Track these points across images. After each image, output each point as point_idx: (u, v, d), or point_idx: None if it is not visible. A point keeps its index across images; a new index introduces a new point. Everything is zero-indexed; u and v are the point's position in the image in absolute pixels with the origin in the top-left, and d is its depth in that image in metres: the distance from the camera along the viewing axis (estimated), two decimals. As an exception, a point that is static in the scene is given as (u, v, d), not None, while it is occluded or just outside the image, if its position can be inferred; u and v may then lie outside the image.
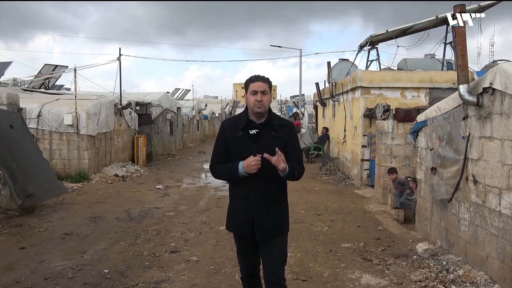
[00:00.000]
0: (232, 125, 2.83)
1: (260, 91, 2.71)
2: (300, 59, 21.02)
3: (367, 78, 10.59)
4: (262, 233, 2.76)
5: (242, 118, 2.81)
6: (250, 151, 2.64)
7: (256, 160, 2.61)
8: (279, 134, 2.76)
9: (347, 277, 4.52)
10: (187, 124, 23.66)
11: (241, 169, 2.65)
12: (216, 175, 2.88)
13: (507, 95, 3.89)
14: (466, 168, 4.66)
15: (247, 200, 2.75)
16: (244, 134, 2.71)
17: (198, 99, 32.48)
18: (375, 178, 9.16)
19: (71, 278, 4.40)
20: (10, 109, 7.50)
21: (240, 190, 2.80)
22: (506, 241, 3.92)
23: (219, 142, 2.85)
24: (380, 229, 6.49)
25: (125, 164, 13.15)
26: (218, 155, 2.85)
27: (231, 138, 2.77)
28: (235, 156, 2.75)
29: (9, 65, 16.67)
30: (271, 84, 2.82)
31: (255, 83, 2.74)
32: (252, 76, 2.79)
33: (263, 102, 2.71)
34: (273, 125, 2.76)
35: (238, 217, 2.82)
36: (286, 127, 2.83)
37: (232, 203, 2.90)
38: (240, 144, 2.73)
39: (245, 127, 2.72)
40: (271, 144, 2.66)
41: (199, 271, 4.64)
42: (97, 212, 7.49)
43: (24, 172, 6.95)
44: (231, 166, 2.73)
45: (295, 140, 2.91)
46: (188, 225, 6.68)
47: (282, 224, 2.86)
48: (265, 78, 2.78)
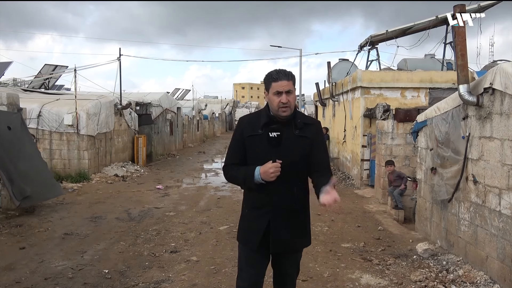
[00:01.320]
0: (252, 121, 2.47)
1: (285, 92, 2.34)
2: (300, 59, 21.06)
3: (367, 78, 10.60)
4: (279, 245, 2.42)
5: (263, 114, 2.45)
6: (270, 155, 2.30)
7: (275, 167, 2.27)
8: (303, 133, 2.40)
9: (347, 277, 4.52)
10: (187, 124, 23.67)
11: (258, 176, 2.32)
12: (229, 178, 2.54)
13: (507, 95, 3.89)
14: (466, 168, 4.66)
15: (264, 209, 2.41)
16: (265, 133, 2.35)
17: (198, 99, 32.50)
18: (375, 178, 9.16)
19: (71, 278, 4.40)
20: (10, 109, 7.49)
21: (256, 197, 2.44)
22: (506, 241, 3.92)
23: (236, 141, 2.50)
24: (380, 229, 6.49)
25: (125, 164, 13.15)
26: (234, 156, 2.50)
27: (250, 137, 2.42)
28: (252, 158, 2.42)
29: (9, 65, 16.68)
30: (295, 80, 2.43)
31: (279, 83, 2.35)
32: (273, 72, 2.39)
33: (289, 104, 2.34)
34: (297, 124, 2.40)
35: (250, 224, 2.48)
36: (312, 126, 2.45)
37: (246, 212, 2.54)
38: (259, 144, 2.38)
39: (266, 124, 2.37)
40: (294, 145, 2.36)
41: (199, 271, 4.64)
42: (97, 212, 7.49)
43: (21, 174, 6.92)
44: (246, 171, 2.38)
45: (322, 141, 2.54)
46: (188, 225, 6.68)
47: (303, 237, 2.52)
48: (289, 73, 2.39)
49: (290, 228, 2.40)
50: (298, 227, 2.46)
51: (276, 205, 2.38)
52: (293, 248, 2.49)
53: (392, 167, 7.69)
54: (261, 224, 2.40)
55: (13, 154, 6.94)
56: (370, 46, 14.26)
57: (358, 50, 14.80)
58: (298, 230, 2.47)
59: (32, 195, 6.96)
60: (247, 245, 2.48)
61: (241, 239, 2.55)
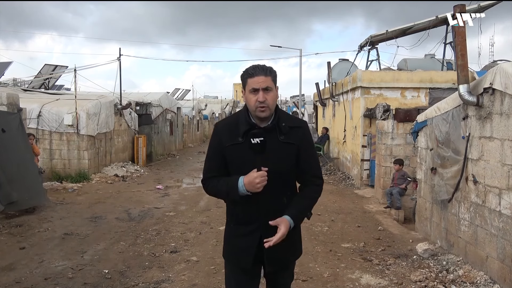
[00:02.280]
0: (230, 129, 2.19)
1: (262, 89, 2.07)
2: (300, 59, 21.02)
3: (367, 78, 10.60)
4: (275, 263, 2.21)
5: (242, 120, 2.18)
6: (254, 163, 2.05)
7: (261, 176, 2.02)
8: (289, 139, 2.15)
9: (347, 277, 4.52)
10: (187, 124, 23.68)
11: (242, 187, 2.06)
12: (210, 192, 2.27)
13: (507, 95, 3.89)
14: (466, 168, 4.66)
15: (253, 224, 2.17)
16: (246, 140, 2.10)
17: (198, 99, 32.49)
18: (375, 178, 9.16)
19: (71, 278, 4.40)
20: (10, 109, 7.47)
21: (242, 211, 2.19)
22: (506, 241, 3.92)
23: (214, 151, 2.24)
24: (380, 229, 6.49)
25: (125, 164, 13.15)
26: (212, 168, 2.25)
27: (230, 146, 2.15)
28: (234, 169, 2.17)
29: (9, 65, 16.69)
30: (275, 76, 2.15)
31: (254, 79, 2.08)
32: (249, 69, 2.12)
33: (267, 103, 2.08)
34: (282, 128, 2.15)
35: (240, 242, 2.21)
36: (299, 129, 2.20)
37: (231, 227, 2.28)
38: (241, 154, 2.12)
39: (246, 132, 2.11)
40: (280, 153, 2.13)
41: (199, 271, 4.64)
42: (97, 212, 7.49)
43: (10, 179, 6.72)
44: (228, 182, 2.13)
45: (310, 146, 2.29)
46: (188, 225, 6.68)
47: (296, 248, 2.31)
48: (267, 68, 2.12)
49: (284, 242, 2.11)
50: (292, 239, 2.21)
51: (265, 219, 2.11)
52: (289, 262, 2.32)
53: (401, 167, 7.72)
54: (252, 241, 2.16)
55: (3, 157, 6.74)
56: (370, 46, 14.26)
57: (358, 50, 14.80)
58: (292, 243, 2.23)
59: (18, 200, 6.77)
60: (238, 265, 2.24)
61: (230, 259, 2.29)
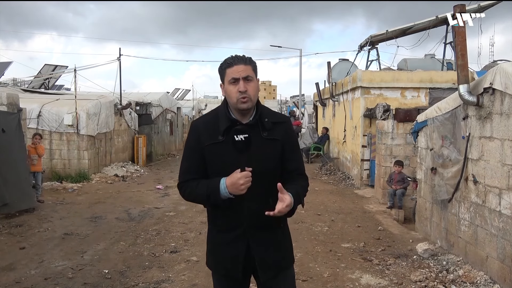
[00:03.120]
0: (209, 126, 2.02)
1: (242, 78, 1.93)
2: (300, 59, 21.07)
3: (367, 78, 10.59)
4: (268, 270, 2.02)
5: (222, 116, 2.01)
6: (237, 163, 1.88)
7: (245, 177, 1.86)
8: (273, 135, 2.01)
9: (347, 277, 4.52)
10: (187, 124, 23.65)
11: (224, 190, 1.89)
12: (187, 197, 2.05)
13: (507, 95, 3.89)
14: (466, 168, 4.66)
15: (238, 230, 1.99)
16: (227, 138, 1.93)
17: (198, 99, 32.50)
18: (375, 178, 9.16)
19: (71, 278, 4.40)
20: (10, 109, 7.46)
21: (225, 216, 2.01)
22: (506, 241, 3.92)
23: (191, 151, 2.05)
24: (380, 229, 6.49)
25: (125, 164, 13.16)
26: (190, 170, 2.04)
27: (209, 145, 1.98)
28: (215, 171, 1.98)
29: (9, 65, 16.69)
30: (255, 66, 2.02)
31: (234, 68, 1.94)
32: (227, 59, 1.98)
33: (248, 93, 1.93)
34: (265, 124, 2.01)
35: (225, 250, 2.04)
36: (282, 125, 2.07)
37: (214, 234, 2.11)
38: (222, 154, 1.96)
39: (227, 129, 1.95)
40: (264, 150, 1.97)
41: (199, 271, 4.64)
42: (97, 212, 7.49)
43: (4, 180, 6.65)
44: (208, 185, 1.95)
45: (294, 142, 2.16)
46: (188, 225, 6.68)
47: (287, 251, 2.14)
48: (246, 58, 2.00)
49: (274, 246, 2.02)
50: (281, 241, 2.08)
51: (251, 224, 1.97)
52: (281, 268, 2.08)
53: (401, 168, 7.72)
54: (239, 248, 1.99)
55: (3, 158, 6.68)
56: (370, 46, 14.26)
57: (358, 50, 14.80)
58: (281, 244, 2.09)
59: (10, 203, 6.71)
60: (227, 275, 2.05)
61: (217, 269, 2.10)
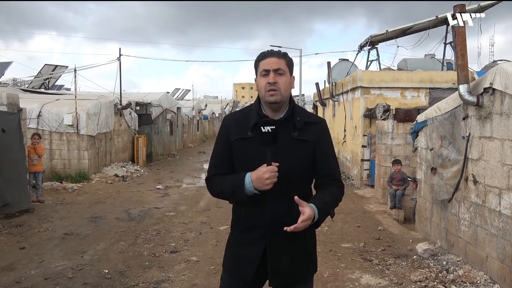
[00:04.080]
0: (239, 121, 1.96)
1: (273, 70, 1.85)
2: (300, 59, 21.07)
3: (367, 78, 10.60)
4: (279, 276, 1.90)
5: (252, 112, 1.95)
6: (263, 159, 1.80)
7: (270, 171, 1.77)
8: (304, 136, 1.89)
9: (347, 277, 4.52)
10: (187, 124, 23.69)
11: (249, 184, 1.81)
12: (213, 192, 2.01)
13: (507, 95, 3.89)
14: (466, 168, 4.66)
15: (258, 231, 1.90)
16: (255, 135, 1.86)
17: (198, 99, 32.51)
18: (375, 178, 9.16)
19: (71, 278, 4.39)
20: (10, 109, 7.45)
21: (248, 215, 1.93)
22: (506, 241, 3.92)
23: (220, 146, 2.00)
24: (380, 229, 6.49)
25: (125, 164, 13.16)
26: (218, 165, 2.00)
27: (237, 140, 1.92)
28: (241, 166, 1.92)
29: (9, 65, 16.71)
30: (291, 62, 1.93)
31: (266, 60, 1.87)
32: (263, 52, 1.93)
33: (278, 85, 1.84)
34: (296, 123, 1.89)
35: (242, 251, 1.94)
36: (315, 126, 1.95)
37: (235, 234, 2.02)
38: (250, 149, 1.89)
39: (256, 125, 1.86)
40: (292, 150, 1.87)
41: (199, 271, 4.64)
42: (97, 212, 7.49)
43: (6, 180, 6.64)
44: (233, 179, 1.88)
45: (328, 146, 2.01)
46: (188, 225, 6.68)
47: (309, 263, 1.98)
48: (281, 52, 1.92)
49: (292, 254, 1.89)
50: (301, 250, 1.92)
51: (273, 225, 1.86)
52: (299, 279, 1.94)
53: (400, 167, 7.71)
54: (255, 250, 1.90)
55: (3, 158, 6.68)
56: (370, 46, 14.28)
57: (358, 50, 14.83)
58: (301, 254, 1.93)
59: (11, 203, 6.70)
60: (238, 277, 1.96)
61: (229, 270, 2.03)
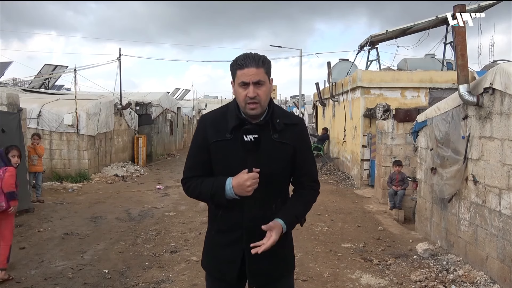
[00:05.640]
0: (217, 122, 1.91)
1: (253, 83, 1.79)
2: (300, 59, 21.04)
3: (367, 78, 10.60)
4: (258, 276, 1.93)
5: (231, 114, 1.90)
6: (243, 164, 1.79)
7: (252, 178, 1.77)
8: (284, 138, 1.89)
9: (347, 277, 4.52)
10: (187, 124, 23.70)
11: (230, 190, 1.81)
12: (191, 193, 1.97)
13: (507, 95, 3.89)
14: (466, 168, 4.66)
15: (236, 232, 1.91)
16: (234, 137, 1.83)
17: (198, 99, 32.54)
18: (375, 178, 9.16)
19: (71, 278, 4.40)
20: (10, 109, 7.45)
21: (226, 216, 1.93)
22: (506, 241, 3.92)
23: (197, 148, 1.95)
24: (380, 229, 6.49)
25: (125, 164, 13.16)
26: (195, 166, 1.96)
27: (216, 143, 1.88)
28: (219, 169, 1.90)
29: (9, 65, 16.71)
30: (269, 67, 1.86)
31: (244, 71, 1.79)
32: (239, 58, 1.83)
33: (258, 98, 1.80)
34: (276, 125, 1.88)
35: (222, 253, 1.97)
36: (294, 127, 1.94)
37: (212, 234, 2.03)
38: (229, 153, 1.86)
39: (236, 128, 1.85)
40: (272, 153, 1.86)
41: (199, 271, 4.64)
42: (97, 212, 7.49)
43: None
44: (214, 183, 1.86)
45: (307, 147, 2.02)
46: (188, 225, 6.68)
47: (286, 260, 2.02)
48: (259, 58, 1.82)
49: (270, 255, 1.86)
50: (279, 249, 1.90)
51: (249, 228, 1.87)
52: (276, 277, 1.97)
53: (401, 168, 7.71)
54: (234, 253, 1.92)
55: None
56: (370, 46, 14.27)
57: (358, 50, 14.82)
58: (279, 253, 1.94)
59: None
60: (221, 278, 1.98)
61: (212, 270, 2.03)
